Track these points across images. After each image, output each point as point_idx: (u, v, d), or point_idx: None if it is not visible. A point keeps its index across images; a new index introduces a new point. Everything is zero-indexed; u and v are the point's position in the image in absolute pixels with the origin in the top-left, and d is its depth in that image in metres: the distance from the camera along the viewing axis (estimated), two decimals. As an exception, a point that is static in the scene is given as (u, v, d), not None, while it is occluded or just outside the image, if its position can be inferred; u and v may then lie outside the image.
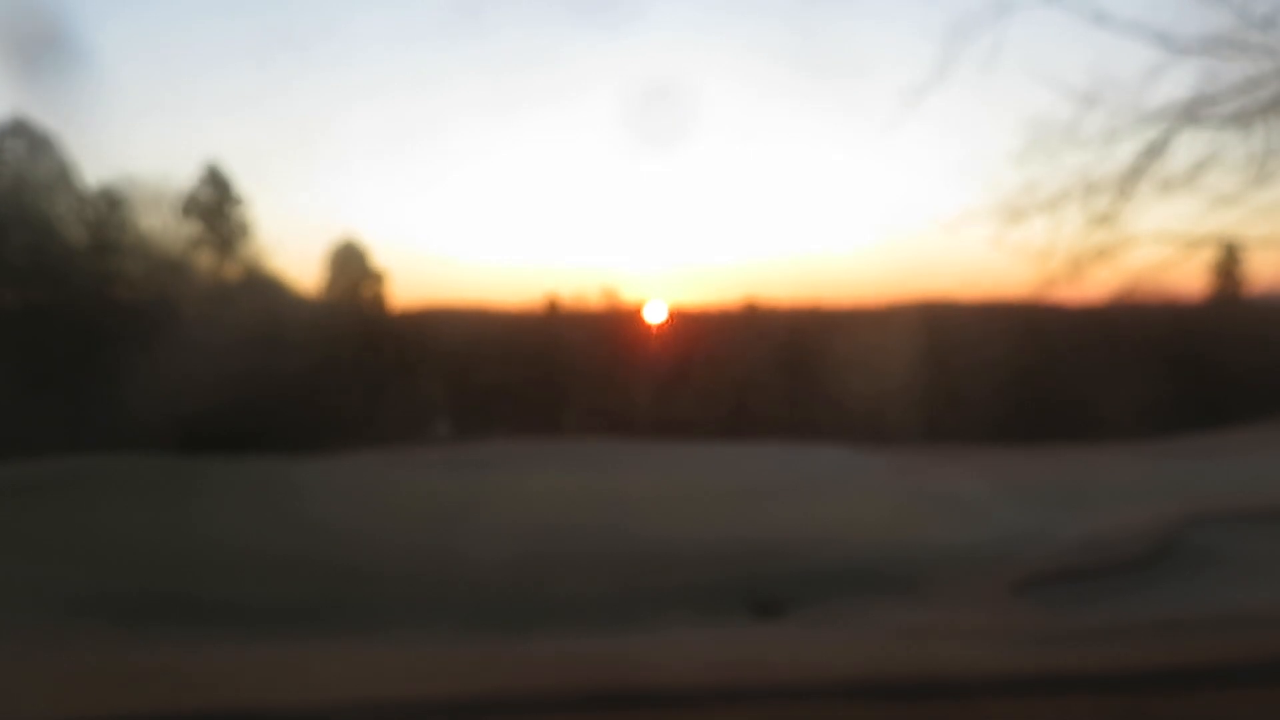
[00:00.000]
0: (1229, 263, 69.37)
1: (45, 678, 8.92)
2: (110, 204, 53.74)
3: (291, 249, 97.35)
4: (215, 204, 59.76)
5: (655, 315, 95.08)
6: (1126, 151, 9.56)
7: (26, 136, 48.63)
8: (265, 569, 14.50)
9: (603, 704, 6.44)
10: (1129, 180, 9.65)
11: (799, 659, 10.14)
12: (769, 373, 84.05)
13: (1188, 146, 9.32)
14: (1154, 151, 9.45)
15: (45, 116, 50.29)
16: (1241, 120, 8.87)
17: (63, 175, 50.29)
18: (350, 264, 73.78)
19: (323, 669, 9.59)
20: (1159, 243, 9.84)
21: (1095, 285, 10.60)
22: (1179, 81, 9.32)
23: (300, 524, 18.85)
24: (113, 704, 7.25)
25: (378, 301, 75.95)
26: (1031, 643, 11.10)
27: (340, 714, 6.64)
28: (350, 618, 12.25)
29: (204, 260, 60.39)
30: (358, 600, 12.89)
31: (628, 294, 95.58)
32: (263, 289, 63.66)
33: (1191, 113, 9.05)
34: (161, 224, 58.23)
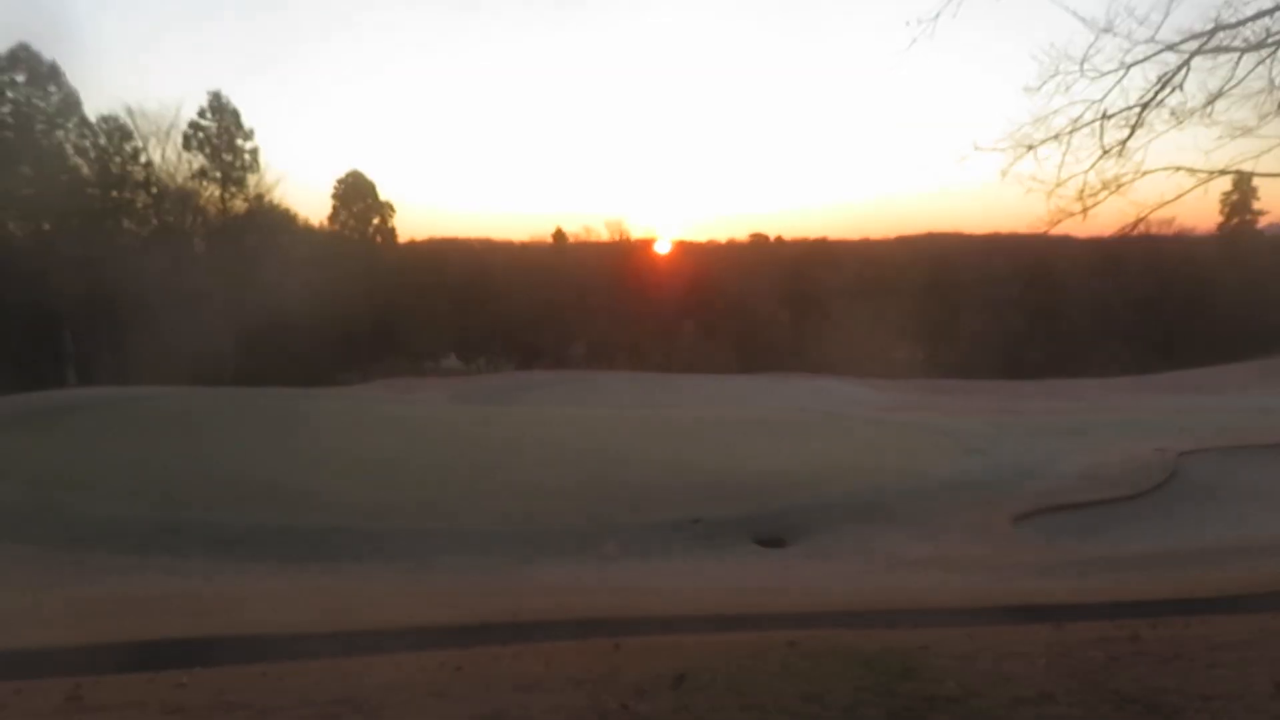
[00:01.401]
0: (1242, 195, 68.61)
1: (62, 604, 9.09)
2: (114, 135, 53.13)
3: (300, 181, 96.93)
4: (221, 134, 59.15)
5: (662, 248, 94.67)
6: (1140, 81, 9.38)
7: (30, 65, 47.86)
8: (276, 499, 14.66)
9: (607, 628, 6.54)
10: (1142, 110, 9.48)
11: (802, 587, 10.28)
12: (775, 306, 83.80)
13: (1203, 76, 9.13)
14: (1168, 81, 9.26)
15: (49, 45, 49.62)
16: (1259, 49, 8.66)
17: (67, 105, 49.61)
18: (358, 196, 73.30)
19: (335, 596, 9.76)
20: (1171, 174, 9.70)
21: (1105, 218, 10.49)
22: (1195, 9, 9.09)
23: (310, 455, 19.00)
24: (130, 629, 7.39)
25: (386, 233, 75.62)
26: (1032, 573, 11.23)
27: (354, 639, 6.76)
28: (359, 547, 12.42)
29: (210, 191, 60.03)
30: (367, 530, 13.05)
31: (636, 229, 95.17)
32: (270, 221, 63.36)
33: (1207, 42, 8.84)
34: (166, 155, 57.67)
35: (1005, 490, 16.44)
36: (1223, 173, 9.67)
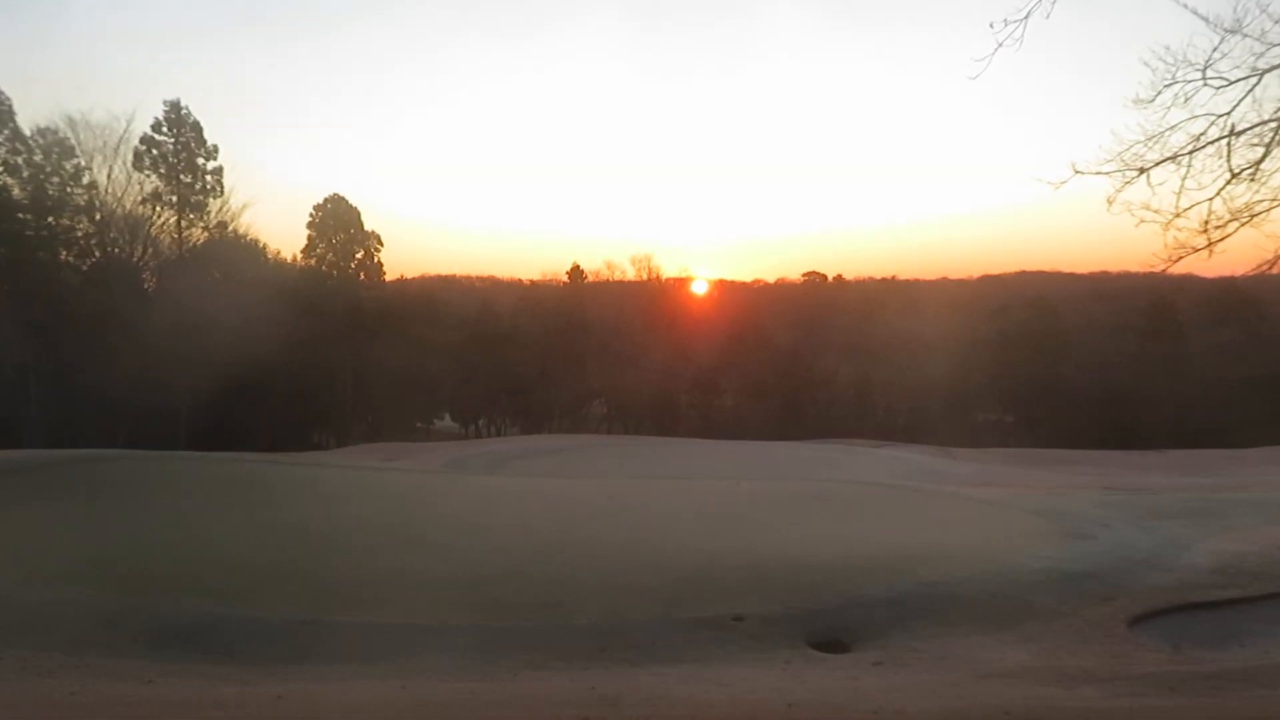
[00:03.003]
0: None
1: (43, 710, 9.10)
2: (52, 150, 54.25)
3: (271, 207, 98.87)
4: (179, 151, 60.35)
5: (699, 288, 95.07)
6: (1277, 91, 9.37)
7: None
8: (233, 585, 14.65)
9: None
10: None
11: (869, 704, 10.11)
12: (834, 358, 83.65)
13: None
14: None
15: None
16: None
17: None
18: (339, 225, 74.31)
19: (300, 705, 9.70)
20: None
21: (1236, 253, 10.42)
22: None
23: (275, 533, 19.02)
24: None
25: (371, 268, 76.50)
26: (1155, 687, 10.99)
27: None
28: (332, 645, 12.36)
29: (165, 218, 61.09)
30: (341, 624, 12.99)
31: (666, 264, 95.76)
32: (234, 254, 64.33)
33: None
34: (114, 175, 58.78)
35: (1120, 585, 16.15)
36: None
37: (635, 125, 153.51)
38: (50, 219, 54.45)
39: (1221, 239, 9.77)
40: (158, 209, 60.47)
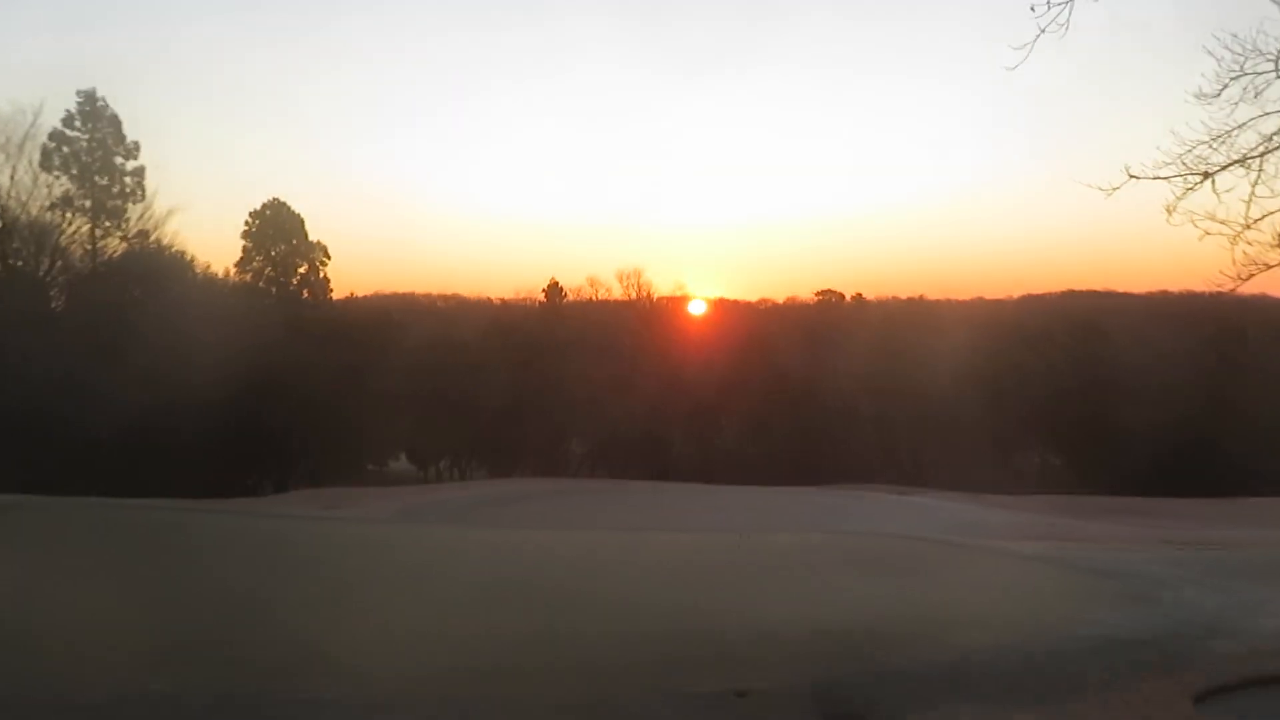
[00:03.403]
0: None
1: None
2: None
3: (200, 214, 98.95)
4: (94, 149, 60.30)
5: (696, 308, 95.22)
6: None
7: None
8: (156, 654, 14.52)
9: None
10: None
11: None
12: (853, 390, 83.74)
13: None
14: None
15: None
16: None
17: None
18: (280, 235, 74.22)
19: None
20: None
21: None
22: None
23: (204, 593, 18.90)
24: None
25: (316, 285, 76.41)
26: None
27: None
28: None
29: (77, 226, 60.92)
30: (282, 699, 12.88)
31: (658, 281, 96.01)
32: (157, 267, 64.17)
33: None
34: (18, 176, 58.68)
35: (1184, 655, 16.11)
36: None
37: (630, 124, 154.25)
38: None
39: (1299, 253, 9.78)
40: (68, 215, 60.33)
